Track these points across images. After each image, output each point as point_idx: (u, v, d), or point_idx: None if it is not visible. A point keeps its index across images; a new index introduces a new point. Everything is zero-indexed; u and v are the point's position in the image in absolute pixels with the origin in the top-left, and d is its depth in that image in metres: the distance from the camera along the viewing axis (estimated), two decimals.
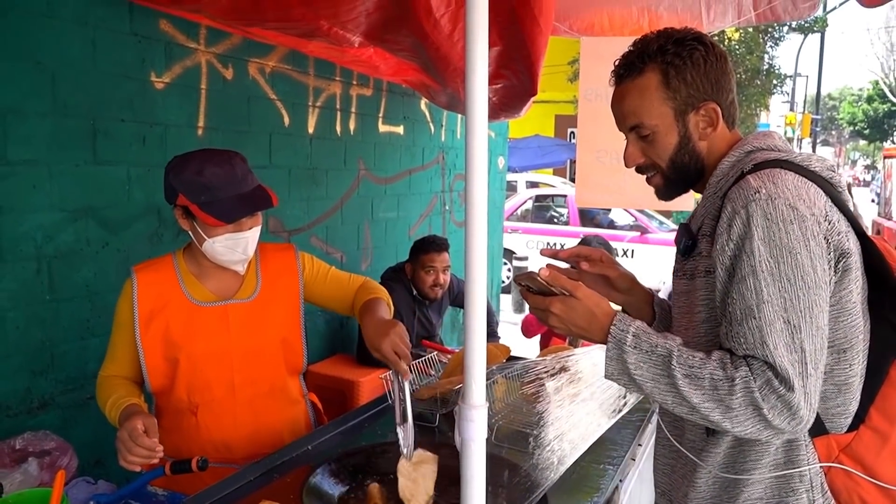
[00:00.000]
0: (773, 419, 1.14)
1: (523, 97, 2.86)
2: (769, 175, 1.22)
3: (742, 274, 1.18)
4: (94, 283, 2.53)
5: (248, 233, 1.82)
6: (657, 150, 1.38)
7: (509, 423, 2.05)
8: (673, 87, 1.33)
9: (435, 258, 3.53)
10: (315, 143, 3.57)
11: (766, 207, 1.17)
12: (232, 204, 1.77)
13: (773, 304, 1.15)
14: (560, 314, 1.29)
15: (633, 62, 1.36)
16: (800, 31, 17.01)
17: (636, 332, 1.25)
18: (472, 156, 1.17)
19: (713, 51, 1.33)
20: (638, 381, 1.23)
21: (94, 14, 2.43)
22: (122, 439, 1.60)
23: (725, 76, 1.35)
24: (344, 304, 2.06)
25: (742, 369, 1.16)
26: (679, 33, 1.35)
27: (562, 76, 13.82)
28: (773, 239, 1.17)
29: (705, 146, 1.37)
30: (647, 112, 1.35)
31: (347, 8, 2.16)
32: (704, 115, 1.34)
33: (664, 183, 1.42)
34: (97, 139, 2.49)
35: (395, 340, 1.66)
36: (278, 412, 1.99)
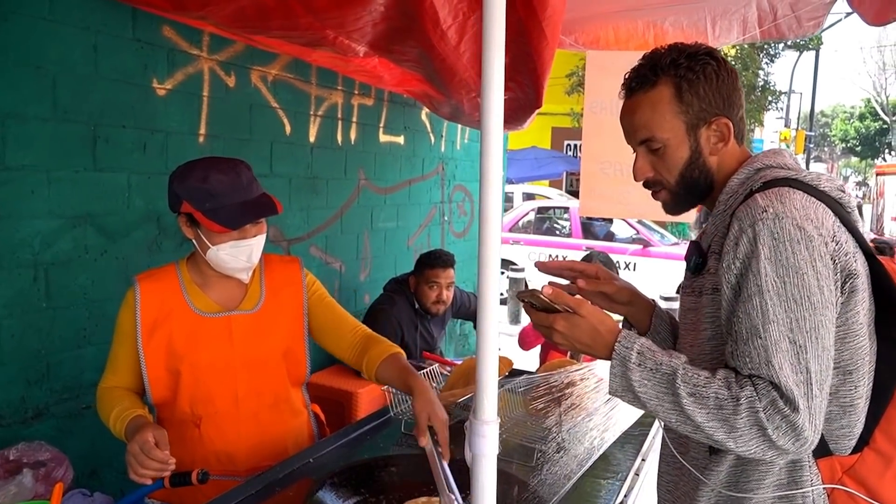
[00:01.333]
0: (778, 439, 1.13)
1: (528, 110, 2.85)
2: (777, 194, 1.21)
3: (748, 293, 1.18)
4: (92, 291, 2.49)
5: (252, 240, 1.80)
6: (667, 165, 1.37)
7: (512, 436, 2.03)
8: (686, 101, 1.32)
9: (440, 274, 3.48)
10: (316, 152, 3.56)
11: (773, 227, 1.17)
12: (236, 211, 1.75)
13: (779, 324, 1.15)
14: (564, 331, 1.28)
15: (645, 75, 1.35)
16: (795, 48, 17.18)
17: (640, 349, 1.24)
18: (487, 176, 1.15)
19: (725, 66, 1.34)
20: (642, 398, 1.22)
21: (96, 19, 2.41)
22: (134, 452, 1.57)
23: (736, 92, 1.35)
24: (341, 342, 2.00)
25: (747, 389, 1.15)
26: (691, 48, 1.35)
27: (559, 89, 13.88)
28: (780, 259, 1.16)
29: (716, 161, 1.36)
30: (658, 125, 1.34)
31: (354, 18, 2.14)
32: (716, 129, 1.34)
33: (671, 198, 1.41)
34: (97, 145, 2.47)
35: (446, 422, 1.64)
36: (282, 424, 1.96)
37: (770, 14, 3.01)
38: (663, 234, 10.29)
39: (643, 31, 3.28)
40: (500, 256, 1.19)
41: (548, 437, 1.94)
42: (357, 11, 2.10)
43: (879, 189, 14.81)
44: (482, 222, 1.16)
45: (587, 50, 3.64)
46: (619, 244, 9.79)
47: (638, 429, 2.25)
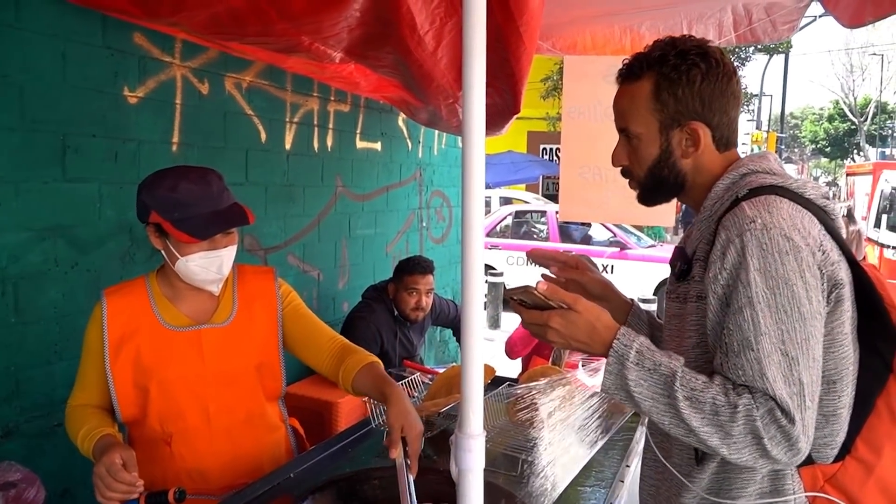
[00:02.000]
0: (772, 449, 1.13)
1: (506, 115, 2.84)
2: (764, 203, 1.20)
3: (738, 305, 1.17)
4: (63, 305, 2.43)
5: (223, 251, 1.76)
6: (638, 158, 1.37)
7: (496, 445, 2.01)
8: (662, 100, 1.31)
9: (419, 280, 3.45)
10: (292, 159, 3.51)
11: (762, 237, 1.16)
12: (206, 220, 1.71)
13: (770, 336, 1.14)
14: (559, 328, 1.24)
15: (634, 66, 1.35)
16: (765, 52, 17.43)
17: (640, 348, 1.21)
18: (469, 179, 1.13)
19: (716, 68, 1.30)
20: (636, 397, 1.20)
21: (64, 26, 2.35)
22: (101, 475, 1.52)
23: (724, 97, 1.31)
24: (318, 353, 1.96)
25: (745, 397, 1.14)
26: (686, 44, 1.32)
27: (535, 93, 13.94)
28: (769, 270, 1.15)
29: (689, 164, 1.35)
30: (633, 118, 1.35)
31: (330, 24, 2.11)
32: (689, 134, 1.32)
33: (640, 191, 1.42)
34: (67, 155, 2.40)
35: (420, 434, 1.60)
36: (256, 440, 1.91)
37: (745, 18, 3.04)
38: (640, 237, 10.36)
39: (620, 36, 3.30)
40: (483, 268, 1.16)
41: (532, 447, 1.92)
42: (333, 17, 2.07)
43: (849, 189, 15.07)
44: (465, 234, 1.14)
45: (565, 55, 3.64)
46: (596, 247, 9.83)
47: (622, 434, 2.24)
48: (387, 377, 1.81)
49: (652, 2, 3.04)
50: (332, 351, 1.95)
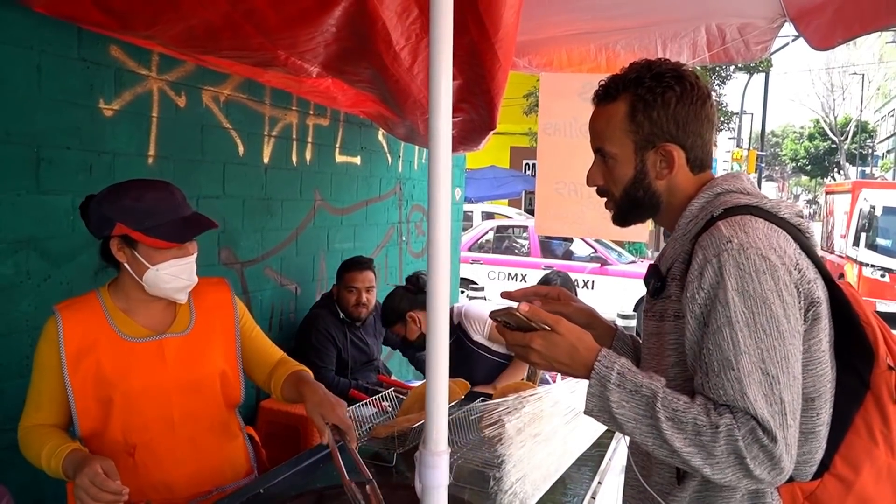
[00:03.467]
0: (755, 469, 1.13)
1: (483, 131, 2.86)
2: (740, 223, 1.21)
3: (717, 324, 1.17)
4: (35, 317, 2.40)
5: (192, 258, 1.79)
6: (613, 178, 1.38)
7: (467, 461, 2.00)
8: (637, 122, 1.33)
9: (357, 277, 3.49)
10: (270, 172, 3.51)
11: (739, 257, 1.17)
12: (178, 226, 1.73)
13: (750, 356, 1.14)
14: (541, 350, 1.24)
15: (610, 87, 1.37)
16: (746, 70, 17.66)
17: (621, 369, 1.21)
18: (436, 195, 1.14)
19: (691, 91, 1.32)
20: (619, 419, 1.20)
21: (39, 38, 2.35)
22: (85, 486, 1.50)
23: (698, 120, 1.33)
24: (261, 371, 2.00)
25: (726, 417, 1.14)
26: (661, 66, 1.34)
27: (517, 109, 14.04)
28: (747, 289, 1.16)
29: (664, 185, 1.36)
30: (608, 139, 1.36)
31: (305, 38, 2.12)
32: (662, 155, 1.33)
33: (616, 211, 1.43)
34: (41, 167, 2.39)
35: (345, 411, 1.71)
36: (219, 448, 1.92)
37: (719, 38, 3.09)
38: (620, 253, 10.42)
39: (595, 54, 3.33)
40: (448, 282, 1.17)
41: (503, 462, 1.91)
42: (309, 32, 2.08)
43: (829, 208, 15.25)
44: (430, 247, 1.14)
45: (541, 72, 3.68)
46: (577, 262, 9.88)
47: (595, 450, 2.25)
48: (304, 378, 1.87)
49: (627, 21, 3.09)
50: (271, 365, 2.00)
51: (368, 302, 3.53)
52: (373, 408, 2.49)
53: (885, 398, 1.25)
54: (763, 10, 2.87)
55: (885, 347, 1.26)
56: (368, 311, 3.57)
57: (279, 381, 1.92)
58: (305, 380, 1.85)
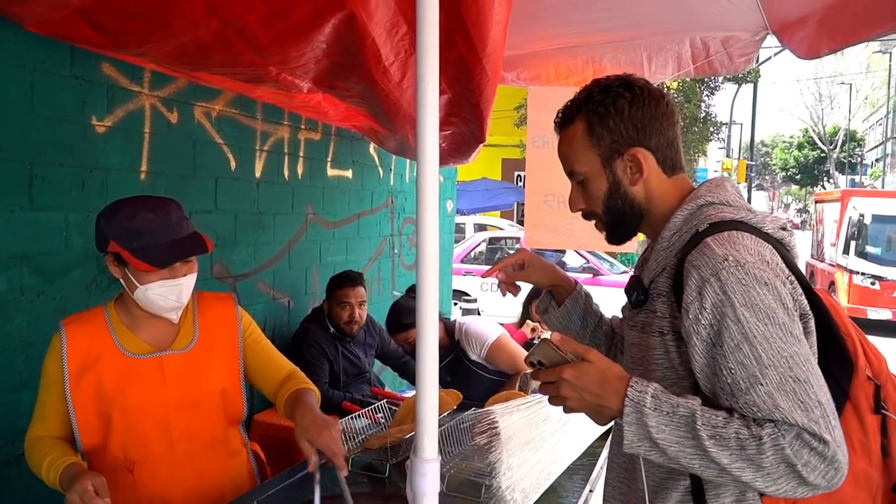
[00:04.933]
0: (808, 476, 1.10)
1: (472, 143, 2.89)
2: (729, 240, 1.22)
3: (734, 343, 1.16)
4: (28, 333, 2.41)
5: (182, 280, 1.78)
6: (591, 197, 1.40)
7: (460, 471, 2.02)
8: (597, 135, 1.35)
9: (349, 293, 3.50)
10: (262, 187, 3.53)
11: (738, 274, 1.17)
12: (165, 249, 1.73)
13: (776, 367, 1.13)
14: (572, 380, 1.21)
15: (566, 112, 1.40)
16: (734, 81, 17.80)
17: (655, 393, 1.18)
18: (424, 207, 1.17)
19: (642, 94, 1.33)
20: (661, 445, 1.16)
21: (32, 56, 2.37)
22: (73, 502, 1.51)
23: (656, 120, 1.34)
24: (269, 383, 1.99)
25: (768, 426, 1.12)
26: (609, 80, 1.36)
27: (508, 121, 14.11)
28: (756, 303, 1.16)
29: (640, 191, 1.37)
30: (576, 160, 1.38)
31: (296, 55, 2.15)
32: (630, 160, 1.35)
33: (606, 229, 1.44)
34: (34, 184, 2.41)
35: (333, 436, 1.65)
36: (219, 465, 1.92)
37: (703, 51, 3.14)
38: (612, 264, 10.47)
39: (583, 68, 3.38)
40: (437, 292, 1.19)
41: (495, 472, 1.93)
42: (299, 48, 2.11)
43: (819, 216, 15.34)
44: (419, 259, 1.17)
45: (529, 85, 3.72)
46: (570, 273, 9.88)
47: (586, 459, 2.27)
48: (300, 399, 1.82)
49: (613, 35, 3.13)
50: (280, 379, 1.98)
51: (360, 318, 3.53)
52: (365, 419, 2.51)
53: (863, 408, 1.26)
54: (746, 23, 2.92)
55: (864, 358, 1.28)
56: (360, 327, 3.58)
57: (282, 398, 1.90)
58: (300, 401, 1.81)
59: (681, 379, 1.29)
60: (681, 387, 1.29)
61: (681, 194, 1.37)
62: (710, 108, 16.52)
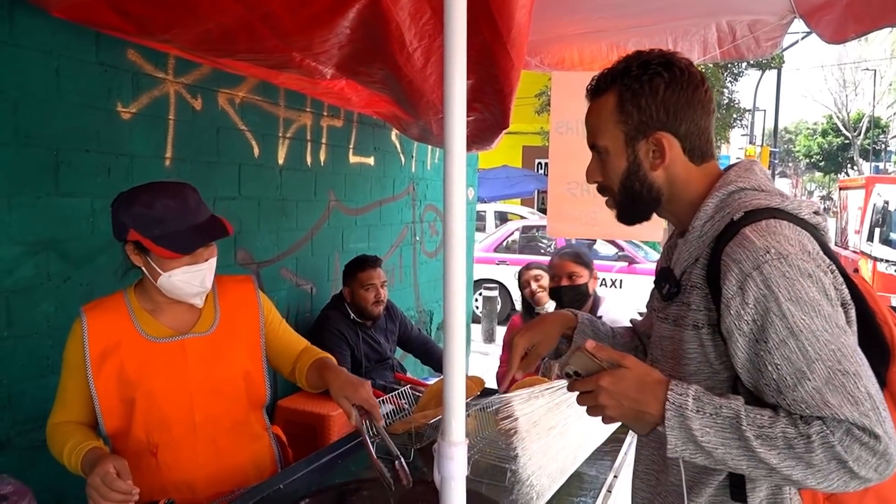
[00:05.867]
0: (860, 470, 1.08)
1: (495, 130, 2.87)
2: (769, 230, 1.18)
3: (779, 338, 1.13)
4: (55, 318, 2.44)
5: (205, 264, 1.79)
6: (608, 172, 1.36)
7: (485, 456, 2.02)
8: (626, 112, 1.30)
9: (373, 274, 3.55)
10: (285, 174, 3.54)
11: (782, 267, 1.13)
12: (187, 235, 1.73)
13: (823, 361, 1.10)
14: (610, 387, 1.19)
15: (600, 81, 1.35)
16: (758, 67, 17.55)
17: (696, 394, 1.16)
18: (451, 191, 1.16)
19: (681, 77, 1.28)
20: (706, 447, 1.13)
21: (58, 43, 2.39)
22: (96, 485, 1.53)
23: (690, 106, 1.29)
24: (286, 363, 2.03)
25: (816, 424, 1.10)
26: (650, 55, 1.31)
27: (529, 108, 14.04)
28: (801, 297, 1.12)
29: (661, 176, 1.32)
30: (601, 132, 1.34)
31: (320, 40, 2.15)
32: (654, 145, 1.30)
33: (617, 207, 1.40)
34: (60, 170, 2.43)
35: (369, 391, 1.73)
36: (242, 448, 1.93)
37: (729, 35, 3.08)
38: (647, 252, 10.36)
39: (607, 53, 3.34)
40: (464, 277, 1.19)
41: (519, 456, 1.93)
42: (323, 34, 2.10)
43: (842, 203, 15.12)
44: (446, 244, 1.16)
45: (553, 71, 3.69)
46: (604, 262, 9.82)
47: (611, 445, 2.26)
48: (327, 364, 1.89)
49: (638, 20, 3.09)
50: (295, 354, 2.02)
51: (384, 297, 3.59)
52: (389, 405, 2.52)
53: None
54: (773, 6, 2.87)
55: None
56: (384, 307, 3.60)
57: (303, 369, 1.94)
58: (328, 365, 1.88)
59: (715, 373, 1.27)
60: (715, 381, 1.27)
61: (709, 181, 1.33)
62: (733, 95, 16.32)
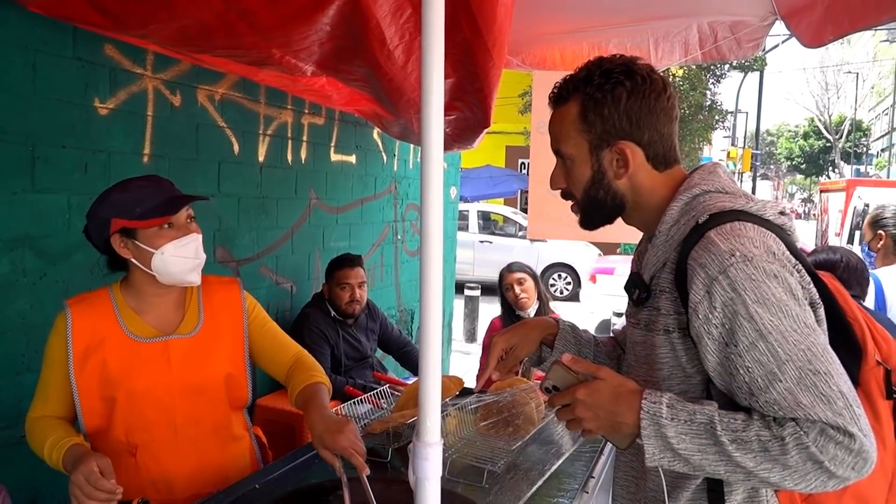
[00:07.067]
0: (836, 470, 1.08)
1: (476, 129, 2.87)
2: (733, 233, 1.18)
3: (749, 341, 1.13)
4: (31, 315, 2.42)
5: (194, 236, 1.79)
6: (573, 179, 1.36)
7: (463, 457, 2.02)
8: (589, 121, 1.30)
9: (349, 274, 3.54)
10: (265, 171, 3.52)
11: (747, 269, 1.14)
12: (167, 203, 1.75)
13: (793, 361, 1.10)
14: (586, 399, 1.20)
15: (562, 89, 1.35)
16: (740, 69, 17.67)
17: (670, 402, 1.16)
18: (428, 189, 1.15)
19: (643, 85, 1.28)
20: (683, 454, 1.14)
21: (34, 38, 2.36)
22: (79, 483, 1.51)
23: (652, 114, 1.29)
24: (278, 366, 2.01)
25: (789, 426, 1.10)
26: (610, 63, 1.30)
27: (512, 108, 14.06)
28: (768, 298, 1.12)
29: (625, 184, 1.32)
30: (564, 140, 1.34)
31: (300, 37, 2.13)
32: (618, 154, 1.30)
33: (581, 213, 1.41)
34: (36, 166, 2.40)
35: (350, 438, 1.63)
36: (221, 449, 1.91)
37: (711, 36, 3.11)
38: None
39: (588, 52, 3.34)
40: (441, 277, 1.18)
41: (498, 457, 1.93)
42: (303, 30, 2.09)
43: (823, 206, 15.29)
44: (423, 241, 1.16)
45: (534, 70, 3.69)
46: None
47: (588, 445, 2.26)
48: (311, 401, 1.80)
49: (619, 19, 3.10)
50: (289, 364, 1.99)
51: (361, 298, 3.57)
52: (368, 404, 2.51)
53: (874, 393, 1.26)
54: (754, 8, 2.89)
55: (872, 343, 1.27)
56: (361, 308, 3.59)
57: (294, 392, 1.90)
58: (312, 403, 1.79)
59: (688, 377, 1.27)
60: (688, 384, 1.27)
61: (673, 185, 1.33)
62: (715, 97, 16.43)
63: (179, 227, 1.77)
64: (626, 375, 1.31)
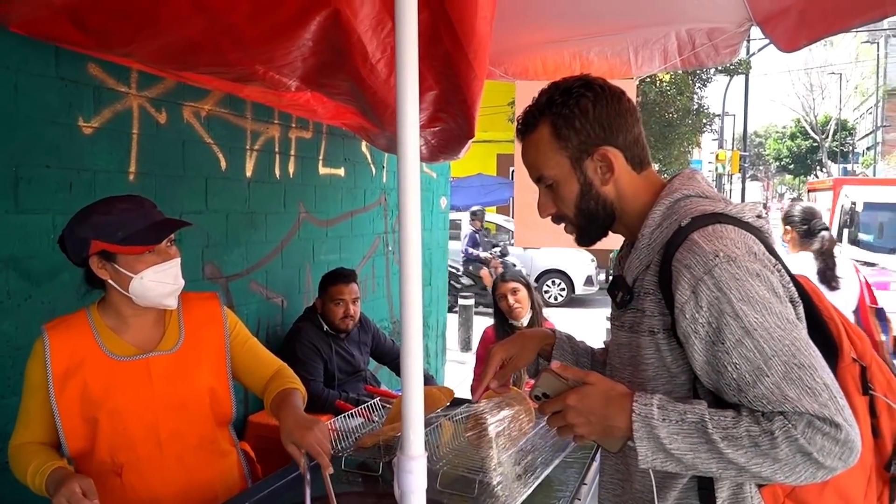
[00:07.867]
0: (825, 460, 1.11)
1: (461, 139, 2.88)
2: (716, 235, 1.21)
3: (735, 338, 1.16)
4: (16, 337, 2.40)
5: (173, 261, 1.79)
6: (562, 199, 1.38)
7: (454, 468, 2.02)
8: (564, 137, 1.33)
9: (343, 290, 3.54)
10: (253, 186, 3.52)
11: (731, 269, 1.17)
12: (150, 231, 1.74)
13: (779, 356, 1.13)
14: (576, 404, 1.22)
15: (527, 118, 1.39)
16: (726, 73, 17.81)
17: (660, 403, 1.19)
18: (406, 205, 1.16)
19: (603, 94, 1.33)
20: (676, 454, 1.16)
21: (16, 57, 2.35)
22: None
23: (620, 117, 1.33)
24: (257, 382, 2.01)
25: (777, 419, 1.13)
26: (568, 82, 1.36)
27: (502, 116, 14.10)
28: (752, 296, 1.16)
29: (612, 191, 1.36)
30: (544, 164, 1.37)
31: (283, 53, 2.14)
32: (600, 160, 1.33)
33: (577, 231, 1.43)
34: (20, 186, 2.39)
35: (318, 437, 1.66)
36: (209, 465, 1.91)
37: (689, 43, 3.13)
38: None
39: (570, 62, 3.36)
40: (420, 287, 1.19)
41: (488, 467, 1.93)
42: (286, 46, 2.10)
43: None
44: (403, 254, 1.16)
45: (516, 80, 3.71)
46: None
47: (580, 453, 2.27)
48: (284, 401, 1.83)
49: (599, 28, 3.12)
50: (267, 376, 2.00)
51: (355, 314, 3.56)
52: (360, 418, 2.50)
53: (851, 390, 1.27)
54: (730, 15, 2.91)
55: (847, 341, 1.29)
56: (355, 323, 3.59)
57: (269, 399, 1.92)
58: (284, 402, 1.82)
59: (673, 377, 1.29)
60: (673, 385, 1.29)
61: (653, 189, 1.37)
62: (702, 100, 16.55)
63: (160, 251, 1.77)
64: (610, 378, 1.33)
